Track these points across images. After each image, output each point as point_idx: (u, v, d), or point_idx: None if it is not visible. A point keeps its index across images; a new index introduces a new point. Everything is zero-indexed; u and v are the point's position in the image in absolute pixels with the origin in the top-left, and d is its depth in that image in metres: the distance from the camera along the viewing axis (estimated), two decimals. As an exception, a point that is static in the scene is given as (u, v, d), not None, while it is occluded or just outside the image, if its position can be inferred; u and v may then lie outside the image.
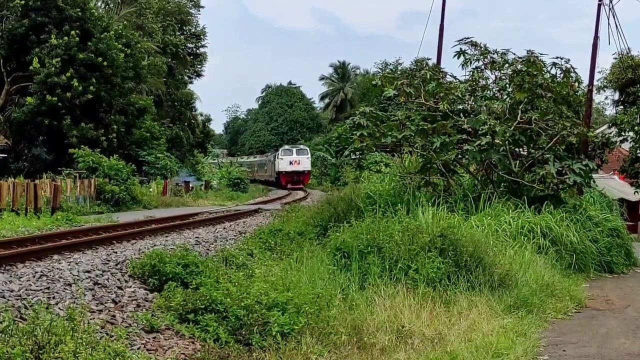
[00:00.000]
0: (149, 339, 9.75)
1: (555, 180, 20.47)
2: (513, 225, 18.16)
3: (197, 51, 78.79)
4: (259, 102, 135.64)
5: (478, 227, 17.37)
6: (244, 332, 10.26)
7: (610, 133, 35.85)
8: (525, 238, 17.55)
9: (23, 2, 46.06)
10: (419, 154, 22.16)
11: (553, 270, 16.22)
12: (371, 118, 21.67)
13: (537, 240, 17.66)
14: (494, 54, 22.50)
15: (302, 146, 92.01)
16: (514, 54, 22.44)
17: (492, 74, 22.97)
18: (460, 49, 22.72)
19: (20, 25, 46.43)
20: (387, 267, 13.65)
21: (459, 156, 21.60)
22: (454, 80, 23.42)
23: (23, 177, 35.44)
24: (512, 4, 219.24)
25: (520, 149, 22.41)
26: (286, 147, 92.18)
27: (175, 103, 72.21)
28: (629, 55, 38.47)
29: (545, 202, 19.81)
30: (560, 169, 20.36)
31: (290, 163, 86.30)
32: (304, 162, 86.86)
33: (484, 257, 14.30)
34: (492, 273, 13.93)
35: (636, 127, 35.78)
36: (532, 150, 21.92)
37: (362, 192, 22.08)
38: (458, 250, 14.04)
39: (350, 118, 22.70)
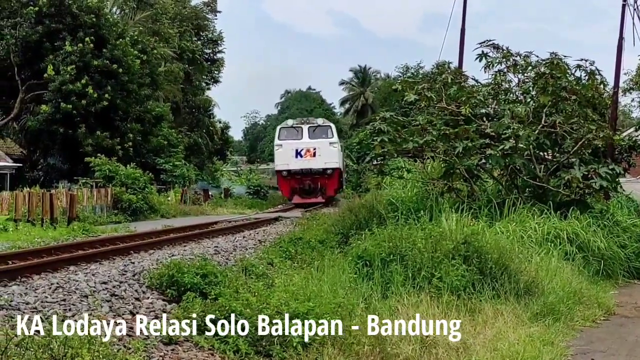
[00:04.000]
0: (167, 351, 9.57)
1: (581, 185, 20.18)
2: (539, 231, 17.93)
3: (214, 57, 78.94)
4: (279, 108, 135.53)
5: (503, 233, 17.14)
6: (264, 343, 10.07)
7: (637, 136, 35.39)
8: (552, 244, 17.32)
9: (37, 8, 46.26)
10: (441, 159, 21.95)
11: (580, 277, 15.98)
12: (392, 123, 21.49)
13: (563, 246, 17.43)
14: (516, 56, 22.28)
15: (319, 121, 52.26)
16: (537, 56, 22.25)
17: (514, 77, 22.78)
18: (482, 51, 22.51)
19: (34, 32, 46.67)
20: (410, 275, 13.47)
21: (482, 161, 21.36)
22: (476, 84, 23.25)
23: (39, 187, 35.45)
24: (535, 6, 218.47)
25: (545, 153, 22.19)
26: (289, 122, 51.84)
27: (193, 110, 72.37)
28: (656, 56, 38.04)
29: (572, 208, 19.55)
30: (586, 173, 20.11)
31: (298, 154, 48.51)
32: (325, 152, 48.43)
33: (510, 264, 14.10)
34: (518, 280, 13.75)
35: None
36: (557, 155, 21.71)
37: (384, 198, 21.85)
38: (482, 258, 13.85)
39: (371, 123, 22.50)
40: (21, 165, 47.47)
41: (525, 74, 22.49)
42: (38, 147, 48.81)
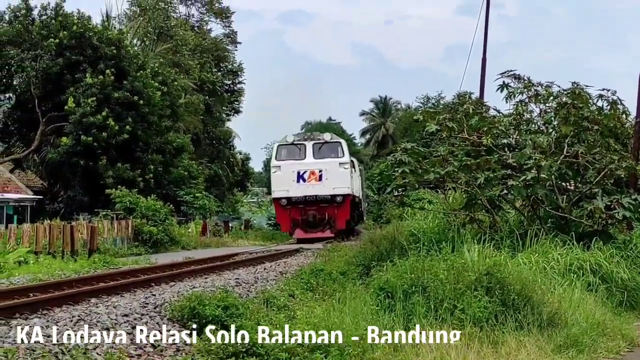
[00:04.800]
0: (189, 384, 9.53)
1: (603, 216, 20.00)
2: (561, 262, 17.72)
3: (235, 88, 79.30)
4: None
5: (525, 264, 16.96)
6: (287, 379, 10.03)
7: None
8: (574, 275, 17.10)
9: (57, 41, 46.64)
10: (463, 190, 21.87)
11: (604, 308, 15.77)
12: (413, 154, 21.42)
13: (586, 277, 17.19)
14: (538, 86, 22.21)
15: (326, 136, 42.35)
16: (559, 86, 22.14)
17: (536, 107, 22.67)
18: (503, 82, 22.47)
19: (54, 65, 47.01)
20: (432, 307, 13.38)
21: (504, 192, 21.22)
22: (498, 114, 23.15)
23: (59, 219, 35.57)
24: (556, 35, 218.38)
25: (567, 184, 21.99)
26: (289, 138, 41.76)
27: (214, 141, 72.63)
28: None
29: (594, 238, 19.33)
30: (609, 203, 19.88)
31: (300, 178, 39.78)
32: (333, 174, 39.61)
33: (532, 295, 13.94)
34: (541, 312, 13.57)
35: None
36: (580, 185, 21.50)
37: (405, 229, 21.77)
38: (505, 289, 13.71)
39: (392, 154, 22.46)
40: (42, 197, 47.67)
41: (547, 104, 22.39)
42: (58, 180, 49.09)
